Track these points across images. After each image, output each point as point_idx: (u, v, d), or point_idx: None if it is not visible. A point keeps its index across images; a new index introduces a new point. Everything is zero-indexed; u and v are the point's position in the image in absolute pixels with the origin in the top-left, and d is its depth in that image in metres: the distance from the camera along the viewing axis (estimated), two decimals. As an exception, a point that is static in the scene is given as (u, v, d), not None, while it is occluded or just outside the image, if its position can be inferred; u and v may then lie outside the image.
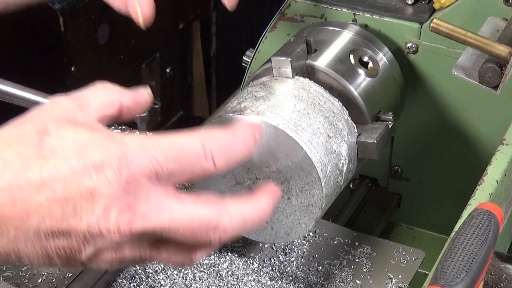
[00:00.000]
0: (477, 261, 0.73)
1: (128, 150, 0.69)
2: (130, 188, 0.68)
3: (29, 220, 0.69)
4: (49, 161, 0.69)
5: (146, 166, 0.69)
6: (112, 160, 0.68)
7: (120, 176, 0.68)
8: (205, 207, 0.70)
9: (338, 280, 1.01)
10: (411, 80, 1.13)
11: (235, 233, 0.72)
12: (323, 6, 1.14)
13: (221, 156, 0.71)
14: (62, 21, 1.47)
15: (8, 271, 0.97)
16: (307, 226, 0.95)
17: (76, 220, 0.69)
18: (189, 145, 0.71)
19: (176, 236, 0.70)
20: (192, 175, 0.71)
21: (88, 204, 0.68)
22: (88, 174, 0.68)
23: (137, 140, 0.70)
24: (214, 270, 1.00)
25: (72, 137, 0.70)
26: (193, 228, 0.70)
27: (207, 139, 0.71)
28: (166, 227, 0.69)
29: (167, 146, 0.70)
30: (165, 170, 0.70)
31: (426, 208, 1.24)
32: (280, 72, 0.99)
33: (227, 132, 0.73)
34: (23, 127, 0.71)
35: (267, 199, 0.75)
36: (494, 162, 0.96)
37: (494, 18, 1.06)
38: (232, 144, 0.72)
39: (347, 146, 0.97)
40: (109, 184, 0.68)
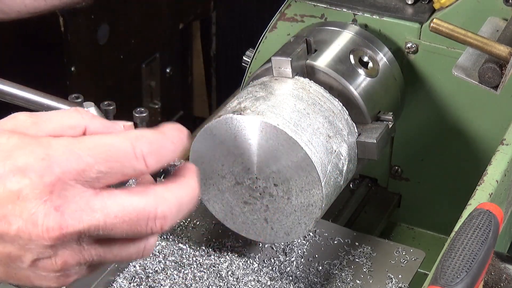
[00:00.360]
0: (477, 261, 0.73)
1: (53, 152, 0.68)
2: (56, 190, 0.67)
3: None
4: None
5: (72, 168, 0.67)
6: (36, 163, 0.67)
7: (44, 178, 0.67)
8: (140, 197, 0.69)
9: (338, 280, 1.01)
10: (411, 80, 1.13)
11: (175, 218, 0.71)
12: (323, 6, 1.14)
13: (151, 156, 0.70)
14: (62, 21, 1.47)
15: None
16: (307, 226, 0.95)
17: (7, 224, 0.68)
18: (118, 145, 0.69)
19: (116, 231, 0.69)
20: (123, 176, 0.70)
21: (15, 207, 0.67)
22: (13, 178, 0.67)
23: (64, 142, 0.69)
24: (214, 270, 1.00)
25: (3, 142, 0.69)
26: (131, 220, 0.69)
27: (137, 139, 0.70)
28: (102, 224, 0.68)
29: (95, 147, 0.68)
30: (94, 171, 0.68)
31: (426, 208, 1.24)
32: (280, 72, 0.99)
33: (156, 132, 0.71)
34: None
35: (193, 177, 0.74)
36: (494, 162, 0.96)
37: (494, 18, 1.06)
38: (162, 144, 0.71)
39: (347, 146, 0.97)
40: (34, 187, 0.67)
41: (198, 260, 1.01)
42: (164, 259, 1.01)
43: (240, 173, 0.95)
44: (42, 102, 0.95)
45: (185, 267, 1.00)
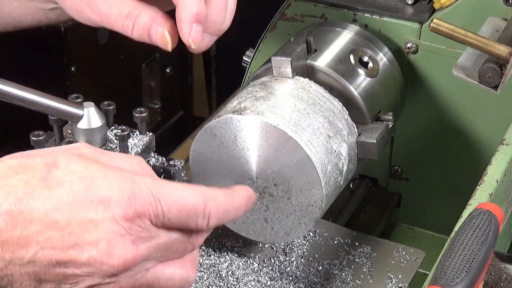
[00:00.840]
0: (477, 261, 0.73)
1: (138, 190, 0.71)
2: (134, 225, 0.70)
3: (27, 247, 0.69)
4: (54, 192, 0.70)
5: (150, 210, 0.71)
6: (121, 199, 0.70)
7: (127, 214, 0.70)
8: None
9: (338, 280, 1.01)
10: (411, 80, 1.13)
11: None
12: (323, 6, 1.14)
13: (215, 218, 0.75)
14: (62, 21, 1.47)
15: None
16: (307, 226, 0.95)
17: (77, 252, 0.70)
18: (192, 201, 0.73)
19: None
20: (184, 226, 0.74)
21: (90, 237, 0.69)
22: (94, 208, 0.70)
23: (148, 183, 0.72)
24: (214, 270, 1.00)
25: (80, 170, 0.71)
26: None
27: (209, 199, 0.74)
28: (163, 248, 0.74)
29: (172, 197, 0.72)
30: (165, 217, 0.72)
31: (426, 208, 1.24)
32: (280, 72, 0.99)
33: (226, 195, 0.76)
34: (33, 159, 0.72)
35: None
36: (494, 162, 0.96)
37: (494, 18, 1.06)
38: (228, 209, 0.76)
39: (347, 146, 0.97)
40: (115, 221, 0.70)
41: (198, 260, 1.01)
42: (164, 259, 1.00)
43: (240, 173, 0.95)
44: (42, 102, 0.95)
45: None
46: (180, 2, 0.88)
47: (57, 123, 1.00)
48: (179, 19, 0.88)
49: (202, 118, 1.91)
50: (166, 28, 0.90)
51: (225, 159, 0.95)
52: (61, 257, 0.70)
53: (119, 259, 0.70)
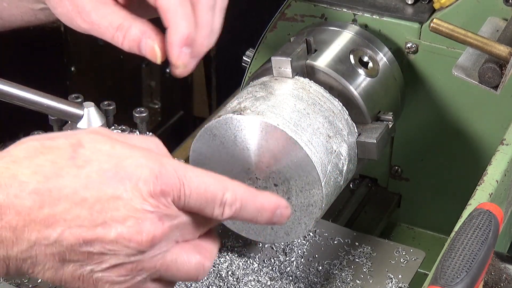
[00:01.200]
0: (477, 261, 0.73)
1: (165, 171, 0.72)
2: (160, 203, 0.71)
3: (54, 226, 0.70)
4: (82, 170, 0.70)
5: (174, 192, 0.72)
6: (149, 177, 0.71)
7: (154, 193, 0.71)
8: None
9: (338, 280, 1.01)
10: (411, 80, 1.13)
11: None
12: (323, 6, 1.14)
13: (230, 209, 0.75)
14: (62, 21, 1.47)
15: (8, 271, 0.97)
16: (307, 226, 0.95)
17: (105, 230, 0.70)
18: (213, 188, 0.74)
19: None
20: (199, 211, 0.75)
21: (119, 214, 0.70)
22: (122, 186, 0.70)
23: (174, 165, 0.73)
24: (214, 270, 1.00)
25: (107, 149, 0.72)
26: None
27: (228, 190, 0.75)
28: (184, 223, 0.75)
29: (196, 183, 0.73)
30: (186, 201, 0.73)
31: (426, 208, 1.24)
32: (280, 72, 0.99)
33: (249, 191, 0.77)
34: (56, 141, 0.73)
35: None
36: (494, 162, 0.96)
37: (494, 18, 1.06)
38: (246, 205, 0.76)
39: (347, 146, 0.97)
40: (144, 199, 0.71)
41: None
42: (164, 259, 1.00)
43: (240, 173, 0.95)
44: (42, 102, 0.95)
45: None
46: (172, 24, 0.89)
47: (57, 123, 1.00)
48: (170, 42, 0.89)
49: (202, 118, 1.91)
50: (156, 42, 0.91)
51: (225, 159, 0.95)
52: (89, 235, 0.70)
53: (148, 236, 0.71)
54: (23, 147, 0.72)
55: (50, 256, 0.71)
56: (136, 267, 0.72)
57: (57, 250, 0.70)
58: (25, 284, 0.96)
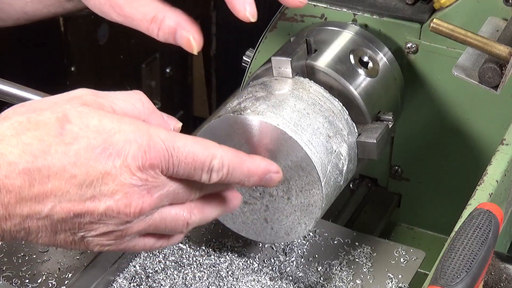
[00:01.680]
0: (477, 261, 0.73)
1: (153, 143, 0.74)
2: (148, 176, 0.73)
3: (45, 202, 0.72)
4: (71, 147, 0.71)
5: (163, 163, 0.74)
6: (138, 152, 0.73)
7: (142, 167, 0.73)
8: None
9: (338, 280, 1.01)
10: (411, 80, 1.13)
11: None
12: (323, 6, 1.14)
13: (217, 174, 0.78)
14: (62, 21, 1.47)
15: (8, 271, 0.97)
16: (307, 226, 0.95)
17: (94, 203, 0.72)
18: (201, 156, 0.77)
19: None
20: (188, 177, 0.77)
21: (108, 189, 0.72)
22: (111, 162, 0.72)
23: (162, 136, 0.75)
24: (214, 270, 1.00)
25: (95, 124, 0.73)
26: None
27: (215, 157, 0.78)
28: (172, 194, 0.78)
29: (185, 152, 0.76)
30: (174, 170, 0.76)
31: (426, 208, 1.24)
32: (280, 72, 0.99)
33: (237, 157, 0.80)
34: (42, 114, 0.73)
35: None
36: (494, 162, 0.96)
37: (494, 18, 1.06)
38: (233, 170, 0.80)
39: (347, 146, 0.97)
40: (132, 173, 0.73)
41: (198, 260, 1.01)
42: (164, 259, 1.01)
43: (240, 173, 0.95)
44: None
45: (185, 267, 1.00)
46: None
47: (57, 123, 1.00)
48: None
49: (202, 118, 1.91)
50: (191, 33, 0.92)
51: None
52: (78, 209, 0.72)
53: (136, 208, 0.73)
54: (10, 124, 0.72)
55: (43, 227, 0.73)
56: (125, 232, 0.76)
57: (49, 223, 0.73)
58: (25, 284, 0.96)
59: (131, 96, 0.80)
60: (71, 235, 0.75)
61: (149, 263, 1.00)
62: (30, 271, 0.97)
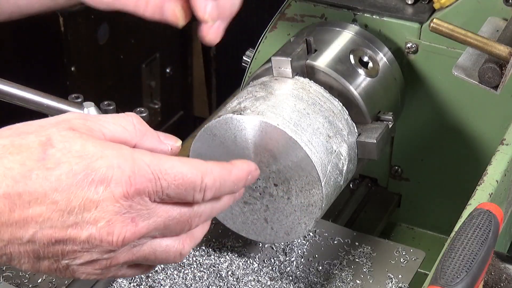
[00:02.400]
0: (477, 261, 0.73)
1: (138, 169, 0.71)
2: (133, 204, 0.71)
3: (26, 228, 0.70)
4: (52, 172, 0.70)
5: (149, 188, 0.72)
6: (121, 178, 0.70)
7: (127, 194, 0.70)
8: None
9: (338, 280, 1.01)
10: (411, 80, 1.13)
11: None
12: (323, 6, 1.14)
13: (211, 191, 0.76)
14: (62, 21, 1.47)
15: (8, 271, 0.97)
16: (307, 226, 0.95)
17: (76, 230, 0.70)
18: (190, 176, 0.74)
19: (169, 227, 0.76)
20: (181, 200, 0.75)
21: (90, 216, 0.70)
22: (93, 188, 0.70)
23: (147, 160, 0.73)
24: (214, 270, 1.00)
25: (78, 149, 0.71)
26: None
27: (206, 174, 0.75)
28: (162, 226, 0.74)
29: (171, 173, 0.73)
30: (164, 194, 0.73)
31: (426, 208, 1.24)
32: (280, 72, 0.99)
33: (223, 169, 0.78)
34: (26, 138, 0.72)
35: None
36: (494, 162, 0.96)
37: (494, 18, 1.06)
38: (224, 182, 0.77)
39: (347, 146, 0.97)
40: (115, 200, 0.70)
41: (198, 260, 1.01)
42: (164, 259, 1.00)
43: (240, 173, 0.95)
44: (42, 102, 0.95)
45: (185, 267, 1.00)
46: None
47: (57, 123, 1.00)
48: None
49: (202, 118, 1.91)
50: (177, 5, 0.93)
51: (225, 159, 0.94)
52: (60, 236, 0.70)
53: (118, 237, 0.71)
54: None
55: (25, 253, 0.71)
56: (111, 262, 0.73)
57: (31, 249, 0.71)
58: (25, 284, 0.96)
59: (122, 119, 0.77)
60: (55, 262, 0.73)
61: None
62: (30, 271, 0.97)
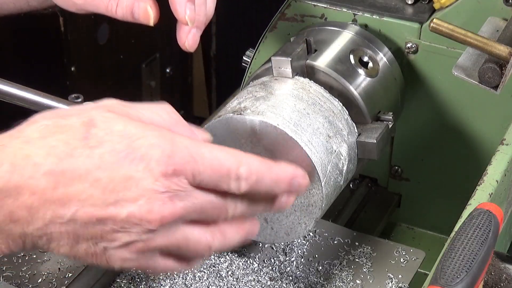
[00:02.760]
0: (477, 261, 0.73)
1: (177, 150, 0.72)
2: (172, 183, 0.72)
3: (69, 205, 0.71)
4: (95, 150, 0.71)
5: (187, 170, 0.72)
6: (161, 157, 0.71)
7: (166, 172, 0.71)
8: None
9: (338, 280, 1.01)
10: (411, 80, 1.13)
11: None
12: (323, 6, 1.14)
13: (247, 182, 0.75)
14: (62, 21, 1.47)
15: (8, 271, 0.97)
16: (307, 226, 0.95)
17: (116, 208, 0.71)
18: (226, 162, 0.74)
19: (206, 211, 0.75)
20: (215, 187, 0.75)
21: (131, 194, 0.71)
22: (134, 167, 0.71)
23: (186, 143, 0.73)
24: (214, 270, 1.00)
25: (120, 129, 0.73)
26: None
27: (242, 163, 0.75)
28: (198, 209, 0.74)
29: (208, 157, 0.73)
30: (200, 177, 0.73)
31: (426, 208, 1.24)
32: (280, 72, 0.99)
33: (264, 164, 0.76)
34: (69, 119, 0.73)
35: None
36: (494, 162, 0.96)
37: (494, 18, 1.06)
38: (262, 177, 0.76)
39: (347, 146, 0.97)
40: (155, 179, 0.71)
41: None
42: (164, 259, 1.00)
43: (240, 173, 0.94)
44: (42, 102, 0.95)
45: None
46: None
47: (57, 123, 1.00)
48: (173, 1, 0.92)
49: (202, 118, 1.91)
50: (148, 3, 0.93)
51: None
52: (101, 214, 0.71)
53: (158, 215, 0.71)
54: (36, 127, 0.73)
55: (65, 234, 0.72)
56: (148, 245, 0.73)
57: (71, 228, 0.71)
58: (25, 284, 0.96)
59: (157, 107, 0.79)
60: (93, 246, 0.73)
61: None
62: (30, 271, 0.97)
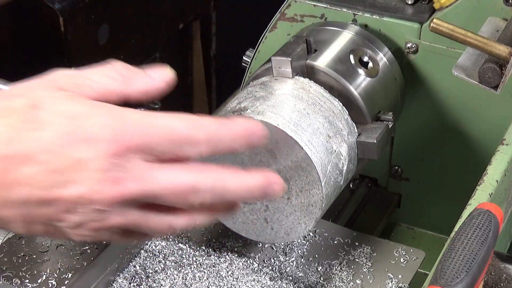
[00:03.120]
0: (477, 261, 0.73)
1: (128, 127, 0.71)
2: (121, 162, 0.70)
3: (15, 189, 0.70)
4: (39, 133, 0.70)
5: (140, 145, 0.71)
6: (110, 136, 0.70)
7: (116, 151, 0.70)
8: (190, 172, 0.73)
9: (338, 280, 1.01)
10: (411, 80, 1.13)
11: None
12: (323, 6, 1.14)
13: (207, 146, 0.73)
14: (62, 21, 1.47)
15: (8, 271, 0.97)
16: (307, 226, 0.95)
17: (63, 190, 0.70)
18: (182, 129, 0.72)
19: (162, 200, 0.72)
20: (175, 155, 0.73)
21: (77, 175, 0.70)
22: (82, 148, 0.70)
23: (137, 117, 0.72)
24: (214, 270, 1.00)
25: (65, 110, 0.71)
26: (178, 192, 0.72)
27: (200, 128, 0.73)
28: (151, 194, 0.71)
29: (162, 128, 0.72)
30: (156, 150, 0.71)
31: (426, 208, 1.24)
32: (280, 72, 0.99)
33: (221, 124, 0.74)
34: (14, 100, 0.72)
35: (259, 178, 0.74)
36: (494, 162, 0.96)
37: (494, 18, 1.06)
38: (220, 138, 0.74)
39: (347, 146, 0.97)
40: (102, 158, 0.69)
41: (198, 260, 1.01)
42: (164, 259, 1.01)
43: (240, 173, 0.94)
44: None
45: (185, 267, 1.00)
46: None
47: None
48: None
49: (202, 118, 1.91)
50: None
51: (224, 159, 0.95)
52: (50, 196, 0.70)
53: (107, 195, 0.70)
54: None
55: (19, 216, 0.72)
56: (103, 224, 0.72)
57: (23, 211, 0.71)
58: (25, 284, 0.96)
59: (106, 68, 0.78)
60: (47, 226, 0.73)
61: (149, 263, 1.00)
62: (30, 271, 0.97)
